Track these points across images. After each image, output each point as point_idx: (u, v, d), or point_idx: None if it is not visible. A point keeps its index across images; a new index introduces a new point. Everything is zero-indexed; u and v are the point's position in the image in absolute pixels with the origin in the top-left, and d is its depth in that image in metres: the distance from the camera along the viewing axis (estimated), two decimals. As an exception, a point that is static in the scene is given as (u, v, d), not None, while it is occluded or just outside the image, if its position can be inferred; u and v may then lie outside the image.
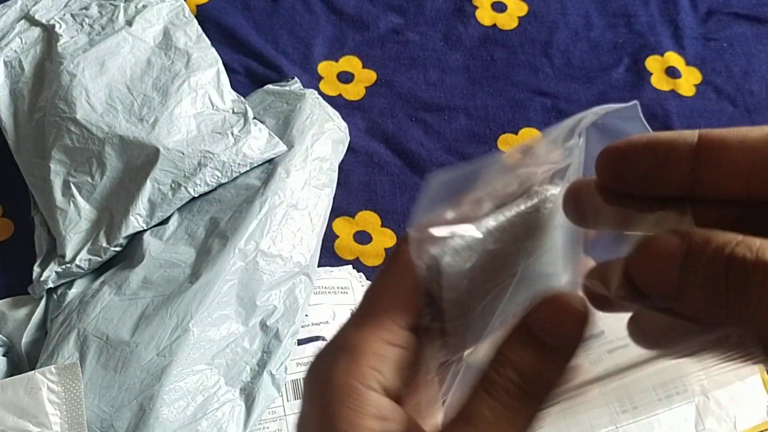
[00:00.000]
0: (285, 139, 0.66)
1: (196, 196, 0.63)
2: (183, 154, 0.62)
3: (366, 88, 0.77)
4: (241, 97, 0.69)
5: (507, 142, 0.75)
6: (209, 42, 0.71)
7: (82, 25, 0.71)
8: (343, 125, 0.70)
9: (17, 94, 0.69)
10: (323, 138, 0.67)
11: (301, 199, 0.63)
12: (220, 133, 0.64)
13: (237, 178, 0.64)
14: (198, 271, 0.58)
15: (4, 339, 0.58)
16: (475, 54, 0.80)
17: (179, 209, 0.63)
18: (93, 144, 0.63)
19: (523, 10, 0.84)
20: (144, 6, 0.72)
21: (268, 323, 0.58)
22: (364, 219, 0.68)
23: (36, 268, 0.61)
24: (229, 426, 0.54)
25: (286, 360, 0.58)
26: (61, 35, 0.70)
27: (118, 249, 0.62)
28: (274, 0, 0.82)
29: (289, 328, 0.59)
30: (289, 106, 0.69)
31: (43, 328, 0.60)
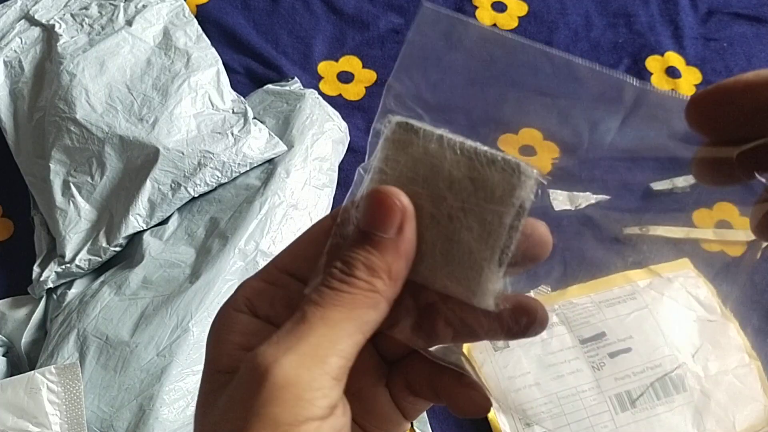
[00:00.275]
0: (285, 139, 0.66)
1: (196, 196, 0.63)
2: (183, 154, 0.62)
3: (366, 88, 0.77)
4: (241, 97, 0.69)
5: (507, 141, 0.75)
6: (209, 42, 0.71)
7: (82, 25, 0.71)
8: (343, 125, 0.70)
9: (17, 94, 0.69)
10: (323, 138, 0.67)
11: (301, 199, 0.63)
12: (220, 133, 0.64)
13: (237, 178, 0.64)
14: (198, 271, 0.58)
15: (4, 339, 0.58)
16: (476, 54, 0.80)
17: (179, 209, 0.63)
18: (93, 144, 0.63)
19: (523, 10, 0.84)
20: (144, 6, 0.72)
21: (268, 323, 0.58)
22: (364, 219, 0.68)
23: (36, 268, 0.61)
24: (229, 426, 0.54)
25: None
26: (61, 35, 0.70)
27: (118, 249, 0.62)
28: (274, 0, 0.82)
29: (289, 328, 0.59)
30: (289, 106, 0.69)
31: (42, 328, 0.60)
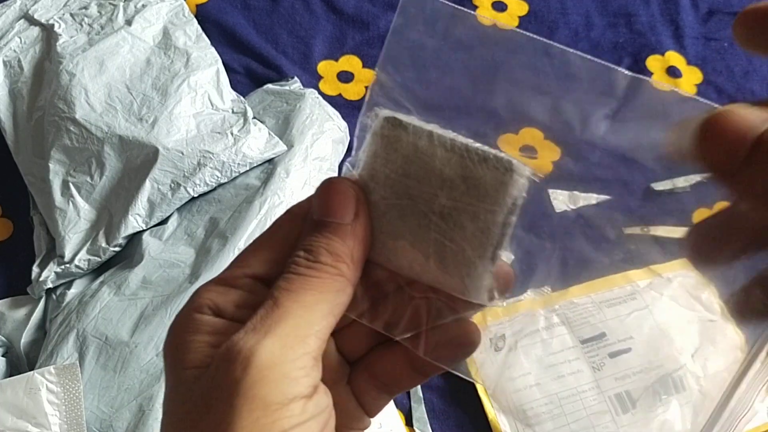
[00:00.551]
0: (285, 138, 0.66)
1: (196, 196, 0.63)
2: (182, 153, 0.62)
3: (366, 87, 0.77)
4: (241, 97, 0.69)
5: (507, 141, 0.74)
6: (209, 41, 0.71)
7: (82, 25, 0.71)
8: (343, 125, 0.70)
9: (16, 94, 0.69)
10: (323, 138, 0.67)
11: (301, 199, 0.62)
12: (219, 132, 0.64)
13: (236, 178, 0.64)
14: (197, 271, 0.58)
15: (4, 339, 0.58)
16: (476, 53, 0.80)
17: (179, 209, 0.63)
18: (92, 144, 0.63)
19: (523, 9, 0.84)
20: (143, 5, 0.72)
21: (267, 323, 0.58)
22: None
23: (35, 268, 0.61)
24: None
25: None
26: (60, 35, 0.70)
27: (118, 249, 0.62)
28: (274, 0, 0.82)
29: (288, 329, 0.58)
30: (288, 106, 0.69)
31: (42, 328, 0.60)
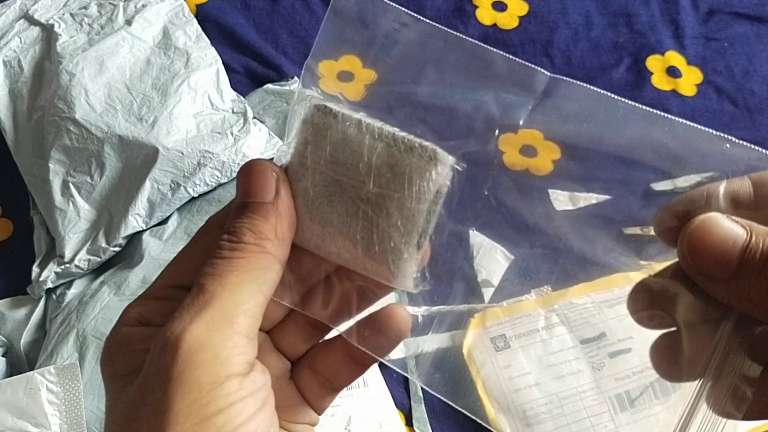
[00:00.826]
0: (285, 138, 0.66)
1: (196, 196, 0.63)
2: (182, 153, 0.62)
3: (365, 86, 0.77)
4: (241, 97, 0.69)
5: (507, 141, 0.74)
6: (209, 41, 0.71)
7: (82, 25, 0.71)
8: (343, 125, 0.70)
9: (16, 94, 0.69)
10: (323, 138, 0.67)
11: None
12: (219, 132, 0.64)
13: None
14: (197, 271, 0.58)
15: (4, 339, 0.58)
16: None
17: (179, 209, 0.63)
18: (92, 144, 0.63)
19: (523, 9, 0.84)
20: (143, 5, 0.72)
21: (267, 323, 0.58)
22: (364, 219, 0.68)
23: (35, 268, 0.61)
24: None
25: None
26: (60, 35, 0.70)
27: (118, 249, 0.61)
28: (273, 0, 0.82)
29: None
30: (288, 106, 0.69)
31: (42, 328, 0.60)
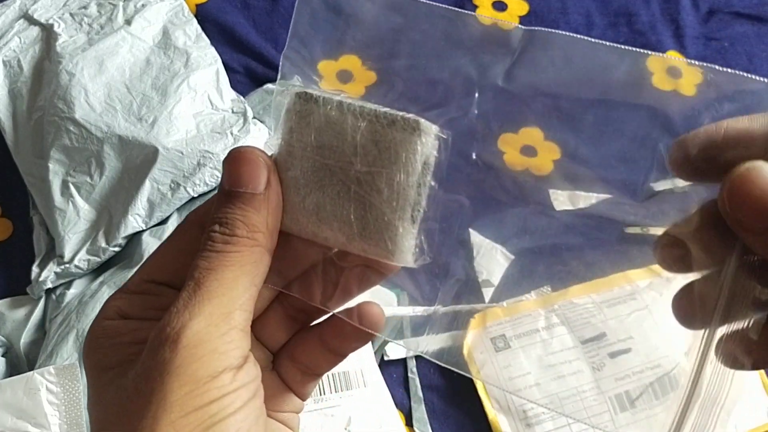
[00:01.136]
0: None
1: (196, 196, 0.63)
2: (182, 153, 0.62)
3: (366, 87, 0.77)
4: (241, 97, 0.69)
5: (507, 141, 0.74)
6: (209, 41, 0.71)
7: (81, 25, 0.71)
8: (343, 125, 0.70)
9: (16, 94, 0.69)
10: (323, 138, 0.67)
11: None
12: (219, 132, 0.64)
13: (236, 177, 0.64)
14: (197, 271, 0.58)
15: (3, 339, 0.58)
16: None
17: (178, 209, 0.63)
18: (92, 144, 0.63)
19: (523, 9, 0.84)
20: (143, 5, 0.72)
21: (267, 324, 0.58)
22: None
23: (35, 269, 0.61)
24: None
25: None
26: (60, 34, 0.70)
27: (117, 249, 0.61)
28: (273, 0, 0.82)
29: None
30: (288, 106, 0.69)
31: (42, 328, 0.60)
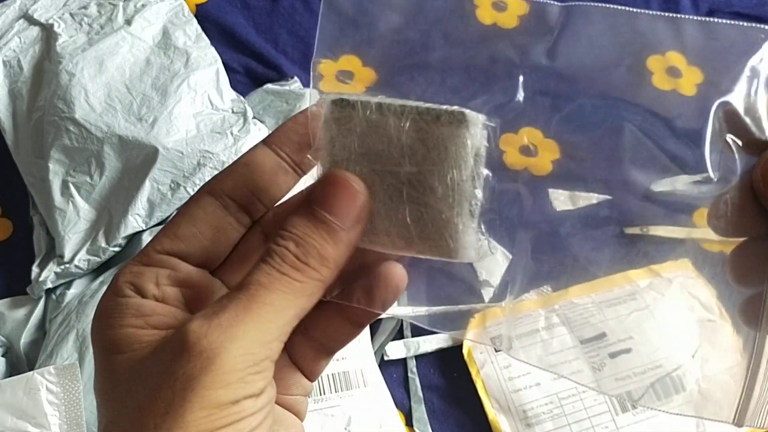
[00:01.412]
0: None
1: (196, 196, 0.63)
2: (182, 153, 0.62)
3: (366, 87, 0.77)
4: (241, 97, 0.69)
5: (507, 141, 0.74)
6: (209, 41, 0.71)
7: (81, 25, 0.71)
8: (343, 125, 0.70)
9: (16, 94, 0.69)
10: (323, 138, 0.67)
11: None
12: (219, 132, 0.64)
13: (236, 177, 0.64)
14: (197, 271, 0.58)
15: (3, 339, 0.58)
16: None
17: (179, 209, 0.63)
18: (92, 144, 0.63)
19: (523, 9, 0.84)
20: (143, 5, 0.72)
21: (267, 323, 0.58)
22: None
23: (35, 268, 0.61)
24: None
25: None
26: (60, 34, 0.70)
27: (117, 249, 0.61)
28: (273, 0, 0.82)
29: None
30: (288, 106, 0.69)
31: (42, 328, 0.60)
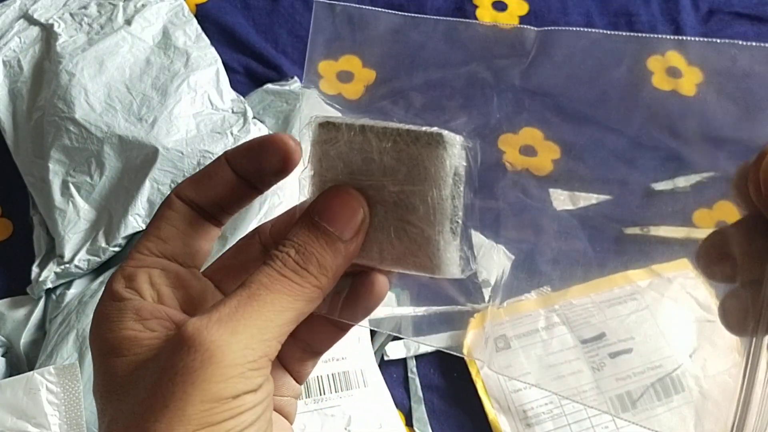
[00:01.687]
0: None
1: (196, 195, 0.63)
2: (182, 153, 0.62)
3: (366, 87, 0.77)
4: (241, 97, 0.69)
5: (507, 141, 0.74)
6: (209, 41, 0.71)
7: (81, 25, 0.71)
8: (343, 125, 0.70)
9: (16, 94, 0.69)
10: (323, 138, 0.67)
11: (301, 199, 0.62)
12: (219, 132, 0.64)
13: (236, 177, 0.64)
14: (197, 271, 0.58)
15: (3, 339, 0.58)
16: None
17: (178, 209, 0.63)
18: (92, 144, 0.63)
19: (523, 9, 0.84)
20: (143, 5, 0.72)
21: (267, 323, 0.58)
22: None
23: (35, 268, 0.61)
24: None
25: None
26: (59, 34, 0.70)
27: (117, 249, 0.61)
28: (273, 0, 0.82)
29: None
30: (288, 106, 0.69)
31: (42, 328, 0.60)
